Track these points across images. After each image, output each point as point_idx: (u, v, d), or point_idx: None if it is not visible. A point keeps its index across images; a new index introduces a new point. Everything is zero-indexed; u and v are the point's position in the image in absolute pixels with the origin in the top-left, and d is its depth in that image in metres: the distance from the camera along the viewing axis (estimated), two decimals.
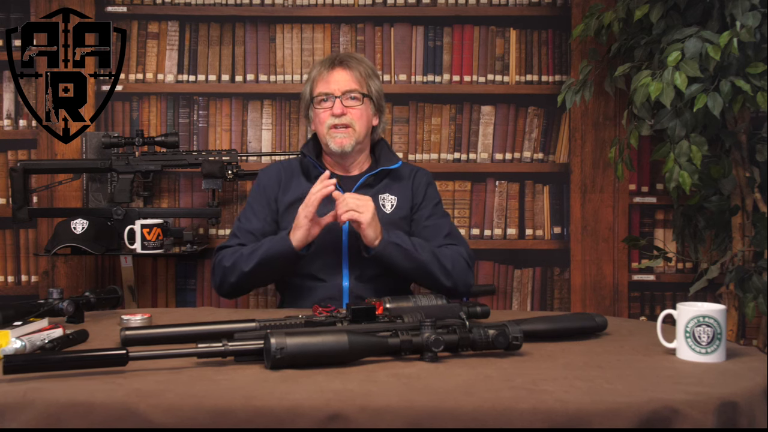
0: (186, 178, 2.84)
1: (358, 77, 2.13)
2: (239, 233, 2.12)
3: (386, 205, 2.13)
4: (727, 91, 2.21)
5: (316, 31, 2.85)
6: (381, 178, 2.15)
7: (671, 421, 1.22)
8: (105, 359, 1.35)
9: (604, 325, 1.69)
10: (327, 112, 2.10)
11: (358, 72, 2.13)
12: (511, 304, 2.86)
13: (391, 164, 2.15)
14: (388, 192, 2.14)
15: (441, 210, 2.19)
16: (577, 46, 2.82)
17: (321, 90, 2.12)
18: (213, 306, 2.83)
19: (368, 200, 1.95)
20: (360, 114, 2.11)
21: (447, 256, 2.03)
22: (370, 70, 2.18)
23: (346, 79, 2.12)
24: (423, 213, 2.14)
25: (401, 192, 2.14)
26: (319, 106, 2.12)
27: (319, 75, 2.14)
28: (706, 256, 2.65)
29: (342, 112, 2.09)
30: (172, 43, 2.84)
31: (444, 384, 1.31)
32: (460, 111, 2.87)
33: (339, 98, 2.10)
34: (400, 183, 2.16)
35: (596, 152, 2.84)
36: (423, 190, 2.17)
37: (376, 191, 2.12)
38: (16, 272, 2.84)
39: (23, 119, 2.83)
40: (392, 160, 2.17)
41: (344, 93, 2.11)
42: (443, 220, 2.15)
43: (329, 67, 2.13)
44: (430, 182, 2.21)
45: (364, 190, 2.11)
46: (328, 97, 2.11)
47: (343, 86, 2.11)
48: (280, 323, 1.53)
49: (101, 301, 1.83)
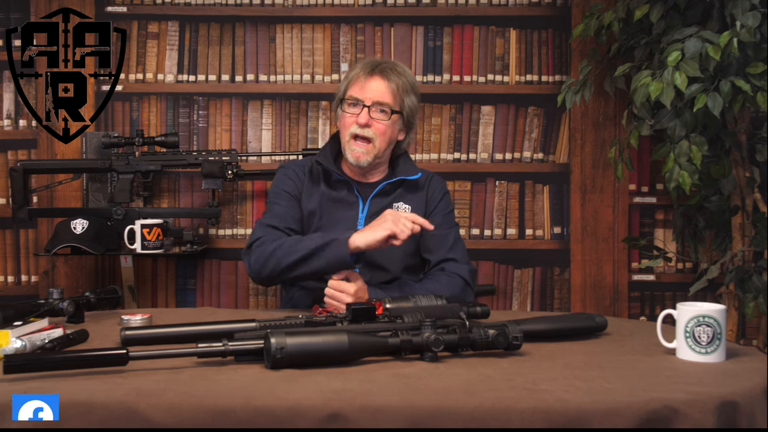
0: (186, 178, 2.84)
1: (394, 90, 2.05)
2: (279, 217, 2.03)
3: None
4: (727, 91, 2.21)
5: (316, 31, 2.85)
6: (397, 186, 2.12)
7: (671, 421, 1.22)
8: (105, 359, 1.35)
9: (604, 325, 1.69)
10: (352, 118, 2.04)
11: (396, 85, 2.05)
12: (511, 304, 2.86)
13: (410, 174, 2.11)
14: (403, 201, 2.11)
15: (451, 220, 2.15)
16: (577, 46, 2.82)
17: (353, 94, 2.05)
18: (213, 306, 2.83)
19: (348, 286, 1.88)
20: (384, 129, 2.05)
21: (442, 286, 1.97)
22: (409, 85, 2.09)
23: (381, 89, 2.04)
24: (432, 221, 2.12)
25: (416, 201, 2.12)
26: (347, 110, 2.06)
27: (357, 78, 2.06)
28: (706, 256, 2.65)
29: (366, 123, 2.03)
30: (172, 43, 2.84)
31: (444, 384, 1.30)
32: (460, 111, 2.87)
33: (368, 107, 2.03)
34: (415, 192, 2.13)
35: (596, 152, 2.84)
36: (437, 198, 2.14)
37: (391, 199, 2.10)
38: (16, 272, 2.84)
39: (23, 119, 2.83)
40: (411, 170, 2.12)
41: (374, 103, 2.04)
42: (450, 231, 2.11)
43: (369, 73, 2.05)
44: (446, 191, 2.17)
45: (380, 198, 2.09)
46: (357, 102, 2.04)
47: (375, 96, 2.04)
48: (280, 323, 1.53)
49: (101, 301, 1.83)
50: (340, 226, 2.02)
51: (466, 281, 2.02)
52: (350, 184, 2.08)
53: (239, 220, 2.85)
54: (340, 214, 2.04)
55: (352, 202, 2.08)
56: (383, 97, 2.04)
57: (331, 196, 2.08)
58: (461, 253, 2.08)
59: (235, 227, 2.85)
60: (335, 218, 2.06)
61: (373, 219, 1.97)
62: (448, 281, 2.00)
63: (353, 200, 2.08)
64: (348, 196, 2.09)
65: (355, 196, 2.08)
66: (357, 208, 2.08)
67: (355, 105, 2.05)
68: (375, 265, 2.04)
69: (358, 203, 2.08)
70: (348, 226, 2.03)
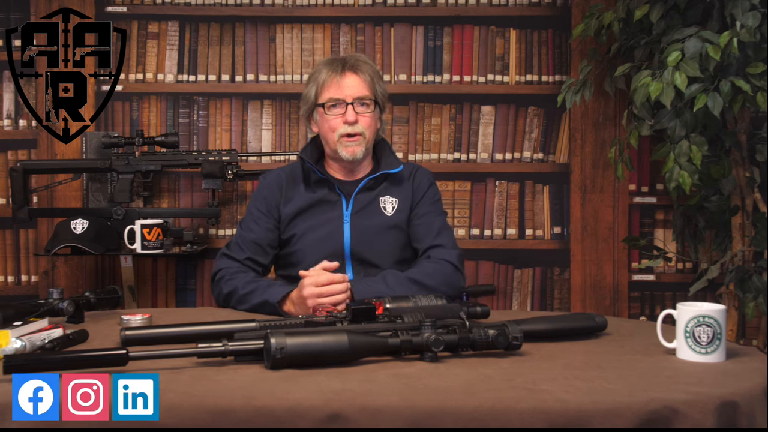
0: (186, 178, 2.84)
1: (368, 82, 2.09)
2: (243, 245, 2.10)
3: (387, 208, 2.12)
4: (727, 91, 2.21)
5: (316, 31, 2.85)
6: (381, 181, 2.14)
7: (671, 421, 1.22)
8: (105, 359, 1.35)
9: (604, 325, 1.69)
10: (338, 119, 2.06)
11: (369, 76, 2.09)
12: (511, 304, 2.86)
13: (392, 168, 2.13)
14: (389, 194, 2.13)
15: (438, 208, 2.16)
16: (577, 46, 2.82)
17: (332, 95, 2.07)
18: (213, 306, 2.82)
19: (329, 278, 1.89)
20: (370, 121, 2.08)
21: (427, 273, 1.98)
22: (377, 72, 2.14)
23: (357, 84, 2.07)
24: (419, 210, 2.13)
25: (402, 194, 2.13)
26: (329, 113, 2.07)
27: (330, 79, 2.08)
28: (706, 256, 2.65)
29: (355, 120, 2.05)
30: (172, 43, 2.84)
31: (444, 384, 1.30)
32: (460, 111, 2.87)
33: (351, 104, 2.06)
34: (401, 185, 2.14)
35: (596, 152, 2.84)
36: (424, 188, 2.15)
37: (376, 194, 2.11)
38: (16, 272, 2.84)
39: (23, 119, 2.83)
40: (393, 163, 2.14)
41: (356, 99, 2.06)
42: (437, 218, 2.13)
43: (340, 72, 2.08)
44: (432, 181, 2.19)
45: (365, 193, 2.10)
46: (338, 103, 2.07)
47: (354, 92, 2.07)
48: (280, 323, 1.53)
49: (101, 301, 1.83)
50: (325, 227, 2.06)
51: (455, 265, 2.03)
52: (331, 183, 2.10)
53: (239, 220, 2.85)
54: (324, 215, 2.06)
55: (335, 200, 2.09)
56: (362, 91, 2.08)
57: (312, 197, 2.10)
58: (448, 239, 2.09)
59: (235, 227, 2.85)
60: (320, 219, 2.07)
61: (359, 215, 2.05)
62: (434, 268, 2.00)
63: (335, 199, 2.09)
64: (329, 195, 2.10)
65: (337, 194, 2.09)
66: (340, 207, 2.08)
67: (336, 105, 2.07)
68: (366, 262, 2.05)
69: (341, 201, 2.09)
70: (333, 226, 2.06)
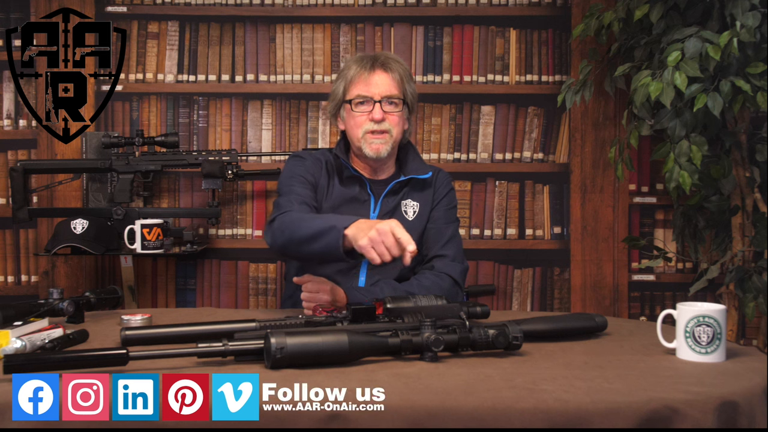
0: (186, 178, 2.84)
1: (398, 81, 2.07)
2: (294, 201, 1.98)
3: (408, 212, 2.11)
4: (727, 91, 2.21)
5: (316, 31, 2.85)
6: (404, 184, 2.13)
7: (671, 420, 1.22)
8: (105, 359, 1.35)
9: (604, 325, 1.69)
10: (365, 116, 2.05)
11: (399, 75, 2.07)
12: (511, 304, 2.86)
13: (421, 173, 2.11)
14: (410, 198, 2.12)
15: (452, 215, 2.16)
16: (577, 46, 2.82)
17: (360, 92, 2.05)
18: (213, 306, 2.83)
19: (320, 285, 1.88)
20: (397, 120, 2.06)
21: (425, 287, 1.96)
22: (407, 72, 2.12)
23: (386, 82, 2.06)
24: (433, 215, 2.12)
25: (423, 198, 2.12)
26: (357, 110, 2.06)
27: (359, 75, 2.06)
28: (706, 256, 2.65)
29: (382, 118, 2.04)
30: (172, 43, 2.84)
31: (444, 384, 1.31)
32: (460, 111, 2.87)
33: (379, 102, 2.04)
34: (423, 189, 2.12)
35: (596, 152, 2.84)
36: (442, 194, 2.14)
37: (400, 197, 2.11)
38: (16, 272, 2.84)
39: (23, 119, 2.83)
40: (422, 169, 2.13)
41: (384, 97, 2.05)
42: (449, 226, 2.12)
43: (370, 69, 2.06)
44: (451, 187, 2.17)
45: (390, 196, 2.09)
46: (366, 100, 2.05)
47: (383, 90, 2.05)
48: (280, 323, 1.53)
49: (101, 301, 1.83)
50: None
51: (455, 280, 2.02)
52: (363, 181, 2.09)
53: (239, 220, 2.85)
54: (353, 212, 2.04)
55: (365, 200, 2.09)
56: (390, 90, 2.06)
57: (344, 193, 2.08)
58: (455, 250, 2.09)
59: (235, 227, 2.85)
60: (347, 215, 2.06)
61: (385, 218, 1.93)
62: (433, 281, 1.99)
63: (365, 198, 2.09)
64: (360, 194, 2.09)
65: (368, 194, 2.09)
66: (368, 207, 2.08)
67: (363, 103, 2.06)
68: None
69: (370, 201, 2.09)
70: None
